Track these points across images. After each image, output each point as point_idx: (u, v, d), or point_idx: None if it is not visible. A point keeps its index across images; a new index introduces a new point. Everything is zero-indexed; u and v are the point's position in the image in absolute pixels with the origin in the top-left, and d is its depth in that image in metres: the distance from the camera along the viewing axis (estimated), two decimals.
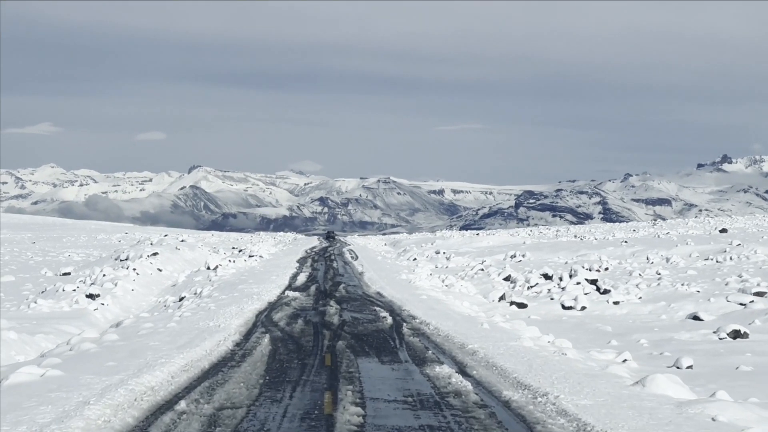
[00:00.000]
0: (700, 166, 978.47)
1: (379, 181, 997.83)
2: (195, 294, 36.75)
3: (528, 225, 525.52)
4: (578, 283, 37.77)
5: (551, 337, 22.82)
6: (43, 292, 38.27)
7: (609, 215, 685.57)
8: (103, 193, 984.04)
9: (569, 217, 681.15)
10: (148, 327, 23.82)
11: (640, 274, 42.69)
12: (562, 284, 38.19)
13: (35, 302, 34.36)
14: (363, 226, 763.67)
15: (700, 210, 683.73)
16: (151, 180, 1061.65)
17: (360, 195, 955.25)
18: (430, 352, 21.49)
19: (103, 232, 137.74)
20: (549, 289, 37.93)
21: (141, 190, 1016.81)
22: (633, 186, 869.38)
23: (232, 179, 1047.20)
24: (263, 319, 27.81)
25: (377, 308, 31.25)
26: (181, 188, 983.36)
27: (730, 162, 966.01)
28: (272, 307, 31.22)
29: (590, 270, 42.93)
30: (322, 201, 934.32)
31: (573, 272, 39.29)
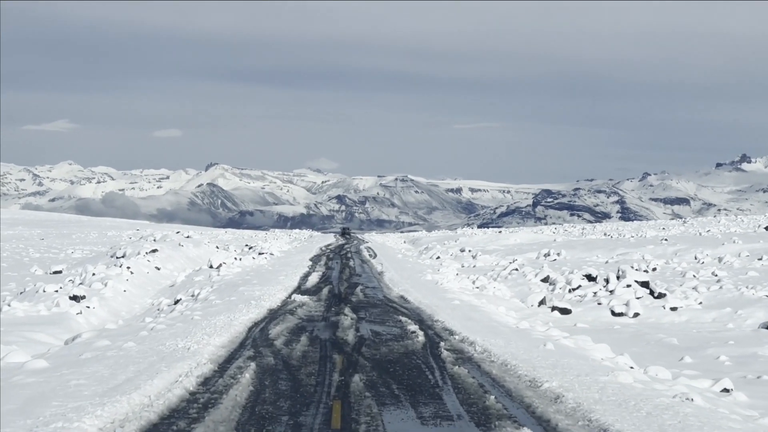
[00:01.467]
0: (718, 165, 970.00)
1: (396, 179, 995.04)
2: (192, 296, 32.33)
3: (546, 224, 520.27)
4: (628, 286, 33.07)
5: (627, 358, 17.78)
6: (21, 292, 33.80)
7: (627, 214, 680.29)
8: (120, 190, 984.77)
9: (587, 216, 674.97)
10: (101, 347, 18.40)
11: (694, 276, 38.00)
12: (610, 287, 33.50)
13: (9, 305, 29.98)
14: (380, 225, 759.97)
15: (719, 210, 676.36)
16: (168, 177, 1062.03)
17: (377, 193, 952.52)
18: (491, 397, 14.82)
19: (114, 230, 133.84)
20: (595, 293, 33.25)
21: (158, 187, 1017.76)
22: (651, 185, 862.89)
23: (249, 177, 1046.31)
24: (256, 335, 21.78)
25: (403, 318, 25.55)
26: (198, 186, 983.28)
27: (749, 161, 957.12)
28: (272, 316, 25.55)
29: (638, 270, 38.21)
30: (340, 199, 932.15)
31: (621, 273, 34.56)
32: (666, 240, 59.96)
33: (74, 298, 32.34)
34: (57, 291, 33.65)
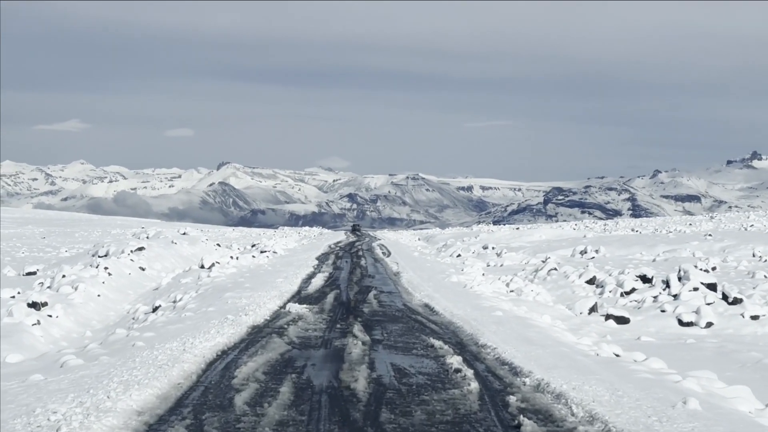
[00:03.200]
0: (729, 162, 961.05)
1: (407, 177, 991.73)
2: (173, 302, 27.07)
3: (557, 221, 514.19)
4: (695, 289, 27.63)
5: None
6: None
7: (638, 212, 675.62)
8: (131, 189, 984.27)
9: (598, 213, 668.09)
10: None
11: (766, 276, 32.53)
12: (672, 290, 28.08)
13: None
14: (392, 223, 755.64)
15: (730, 207, 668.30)
16: (179, 176, 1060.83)
17: (388, 191, 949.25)
18: None
19: (121, 228, 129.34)
20: (655, 297, 27.82)
21: (170, 186, 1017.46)
22: (662, 182, 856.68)
23: (260, 176, 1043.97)
24: (212, 382, 13.75)
25: (435, 341, 18.05)
26: (210, 184, 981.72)
27: (760, 158, 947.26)
28: (252, 339, 17.94)
29: (699, 270, 32.71)
30: (351, 197, 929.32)
31: (683, 273, 29.09)
32: (710, 235, 54.47)
33: (33, 305, 27.18)
34: (14, 297, 28.57)
